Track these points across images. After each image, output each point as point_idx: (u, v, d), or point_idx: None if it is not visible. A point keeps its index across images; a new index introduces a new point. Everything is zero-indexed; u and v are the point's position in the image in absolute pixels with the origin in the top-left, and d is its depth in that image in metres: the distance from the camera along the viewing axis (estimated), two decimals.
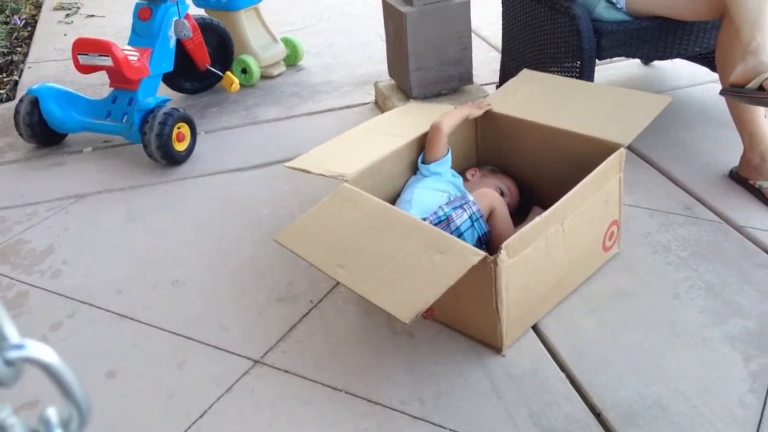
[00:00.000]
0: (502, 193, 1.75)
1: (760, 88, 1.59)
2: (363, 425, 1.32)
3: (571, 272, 1.59)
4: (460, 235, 1.49)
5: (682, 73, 2.55)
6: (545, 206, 1.48)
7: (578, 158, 1.65)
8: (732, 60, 1.72)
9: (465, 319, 1.51)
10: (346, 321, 1.59)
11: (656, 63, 2.69)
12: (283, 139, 2.48)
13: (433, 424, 1.31)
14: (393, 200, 1.71)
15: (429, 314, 1.56)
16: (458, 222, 1.51)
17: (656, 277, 1.64)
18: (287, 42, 3.13)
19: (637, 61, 2.72)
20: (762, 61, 1.60)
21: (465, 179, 1.82)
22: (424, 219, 1.52)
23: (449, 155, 1.75)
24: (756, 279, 1.60)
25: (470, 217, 1.53)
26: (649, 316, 1.53)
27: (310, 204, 1.57)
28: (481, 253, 1.30)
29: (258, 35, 3.00)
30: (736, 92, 1.67)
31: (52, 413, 0.42)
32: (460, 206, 1.53)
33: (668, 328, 1.49)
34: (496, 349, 1.47)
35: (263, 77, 3.00)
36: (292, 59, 3.16)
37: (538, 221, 1.41)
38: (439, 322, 1.55)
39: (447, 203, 1.57)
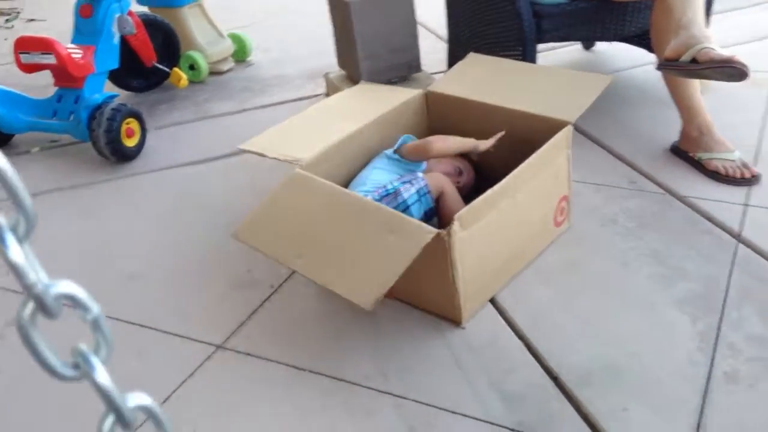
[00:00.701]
0: (460, 172, 1.78)
1: (693, 60, 1.67)
2: (329, 402, 1.34)
3: (525, 246, 1.64)
4: (407, 208, 1.52)
5: (622, 56, 2.63)
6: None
7: (527, 137, 1.69)
8: (666, 36, 1.79)
9: (424, 296, 1.54)
10: (307, 303, 1.61)
11: (597, 47, 2.77)
12: (236, 132, 2.47)
13: (397, 396, 1.34)
14: (348, 184, 1.73)
15: (389, 294, 1.58)
16: (405, 195, 1.53)
17: (605, 248, 1.70)
18: (235, 38, 3.12)
19: (579, 46, 2.80)
20: (693, 34, 1.68)
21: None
22: (371, 192, 1.55)
23: (423, 166, 1.77)
24: (699, 245, 1.67)
25: (417, 192, 1.55)
26: (600, 285, 1.58)
27: (266, 193, 1.58)
28: (434, 230, 1.33)
29: (204, 31, 2.98)
30: (671, 65, 1.74)
31: (2, 219, 0.44)
32: (409, 181, 1.56)
33: (619, 294, 1.55)
34: (456, 322, 1.50)
35: (212, 73, 2.98)
36: (240, 55, 3.15)
37: (489, 194, 1.45)
38: (399, 300, 1.58)
39: (397, 179, 1.60)
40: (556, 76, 1.93)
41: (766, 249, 1.61)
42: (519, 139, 1.72)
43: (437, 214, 1.61)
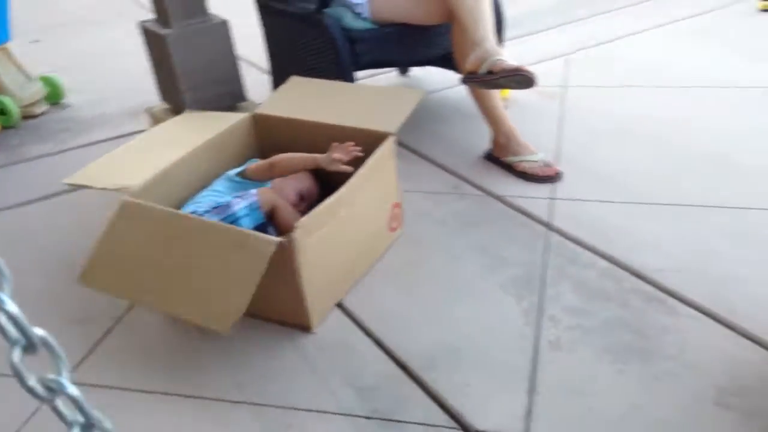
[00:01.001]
0: (302, 198, 1.82)
1: (489, 72, 1.88)
2: (183, 421, 1.32)
3: (365, 251, 1.72)
4: (236, 221, 1.55)
5: (435, 78, 2.83)
6: None
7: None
8: (465, 53, 1.99)
9: (273, 306, 1.56)
10: (154, 329, 1.57)
11: (412, 72, 2.97)
12: (59, 172, 2.33)
13: (255, 404, 1.35)
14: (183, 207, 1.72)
15: None
16: (235, 208, 1.56)
17: (438, 247, 1.83)
18: (46, 80, 2.99)
19: (395, 72, 2.99)
20: (487, 49, 1.90)
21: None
22: (201, 206, 1.56)
23: (267, 185, 1.80)
24: (518, 236, 1.85)
25: (249, 206, 1.59)
26: (436, 279, 1.70)
27: (95, 229, 1.53)
28: (275, 240, 1.37)
29: (11, 75, 2.83)
30: (472, 78, 1.95)
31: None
32: (240, 196, 1.60)
33: (453, 285, 1.68)
34: (306, 328, 1.54)
35: (25, 117, 2.82)
36: (54, 97, 3.01)
37: (328, 203, 1.52)
38: (248, 314, 1.59)
39: (232, 195, 1.63)
40: (374, 92, 2.07)
41: (573, 234, 1.82)
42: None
43: (275, 229, 1.65)
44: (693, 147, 2.17)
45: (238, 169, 1.80)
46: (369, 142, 1.74)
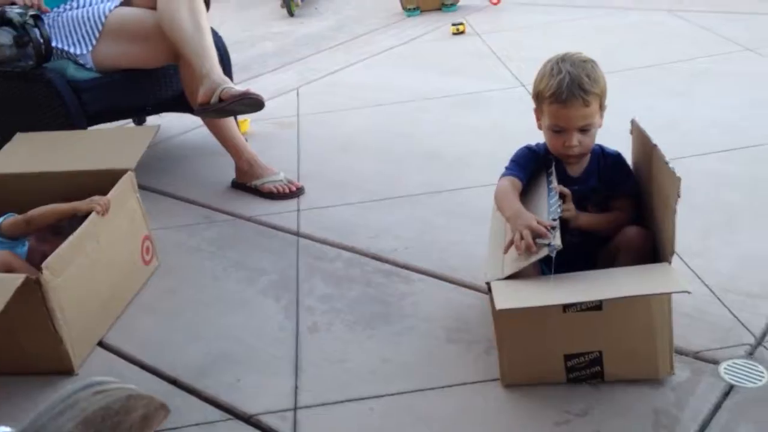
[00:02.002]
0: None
1: (220, 100, 2.02)
2: None
3: (120, 286, 1.74)
4: None
5: (174, 124, 2.90)
6: None
7: (97, 191, 1.80)
8: (195, 89, 2.11)
9: (29, 357, 1.52)
10: None
11: (149, 120, 2.98)
12: None
13: None
14: None
15: None
16: None
17: (196, 271, 1.90)
18: None
19: (131, 123, 2.99)
20: (214, 80, 2.04)
21: None
22: None
23: (25, 246, 1.73)
24: (271, 248, 1.99)
25: None
26: (198, 300, 1.78)
27: None
28: (21, 276, 1.36)
29: None
30: (206, 108, 2.07)
31: None
32: None
33: (216, 301, 1.76)
34: (68, 372, 1.52)
35: None
36: None
37: (72, 239, 1.54)
38: (4, 372, 1.53)
39: None
40: (107, 135, 2.12)
41: (317, 235, 2.00)
42: (90, 195, 1.81)
43: None
44: (411, 149, 2.50)
45: None
46: (109, 181, 1.77)
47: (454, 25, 3.81)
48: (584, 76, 1.38)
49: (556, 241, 1.27)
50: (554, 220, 1.32)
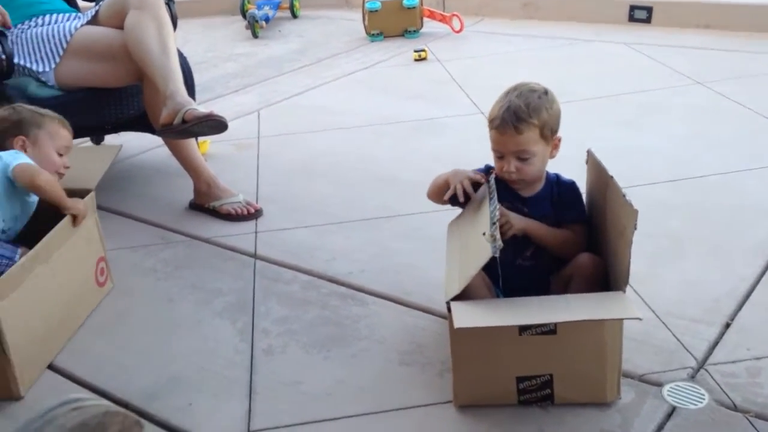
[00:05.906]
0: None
1: (183, 121, 2.01)
2: None
3: (72, 308, 1.72)
4: None
5: (133, 144, 2.87)
6: None
7: (57, 211, 1.77)
8: (158, 108, 2.10)
9: None
10: None
11: (107, 140, 2.95)
12: None
13: None
14: None
15: None
16: None
17: (151, 293, 1.89)
18: None
19: (89, 142, 2.96)
20: (178, 101, 2.03)
21: None
22: None
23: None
24: (227, 269, 1.98)
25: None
26: (152, 322, 1.76)
27: None
28: None
29: None
30: (167, 130, 2.06)
31: None
32: None
33: (170, 324, 1.75)
34: (14, 396, 1.49)
35: None
36: None
37: (21, 262, 1.51)
38: None
39: None
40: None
41: (275, 258, 2.01)
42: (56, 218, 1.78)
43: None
44: (369, 172, 2.52)
45: None
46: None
47: (416, 51, 3.87)
48: (523, 105, 1.43)
49: (498, 241, 1.30)
50: (494, 223, 1.35)
